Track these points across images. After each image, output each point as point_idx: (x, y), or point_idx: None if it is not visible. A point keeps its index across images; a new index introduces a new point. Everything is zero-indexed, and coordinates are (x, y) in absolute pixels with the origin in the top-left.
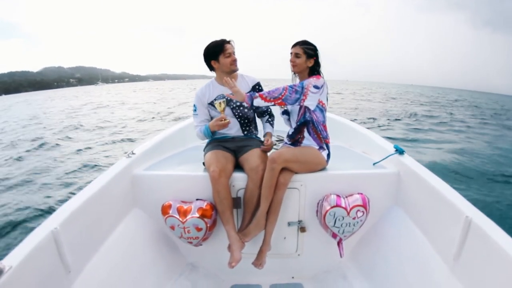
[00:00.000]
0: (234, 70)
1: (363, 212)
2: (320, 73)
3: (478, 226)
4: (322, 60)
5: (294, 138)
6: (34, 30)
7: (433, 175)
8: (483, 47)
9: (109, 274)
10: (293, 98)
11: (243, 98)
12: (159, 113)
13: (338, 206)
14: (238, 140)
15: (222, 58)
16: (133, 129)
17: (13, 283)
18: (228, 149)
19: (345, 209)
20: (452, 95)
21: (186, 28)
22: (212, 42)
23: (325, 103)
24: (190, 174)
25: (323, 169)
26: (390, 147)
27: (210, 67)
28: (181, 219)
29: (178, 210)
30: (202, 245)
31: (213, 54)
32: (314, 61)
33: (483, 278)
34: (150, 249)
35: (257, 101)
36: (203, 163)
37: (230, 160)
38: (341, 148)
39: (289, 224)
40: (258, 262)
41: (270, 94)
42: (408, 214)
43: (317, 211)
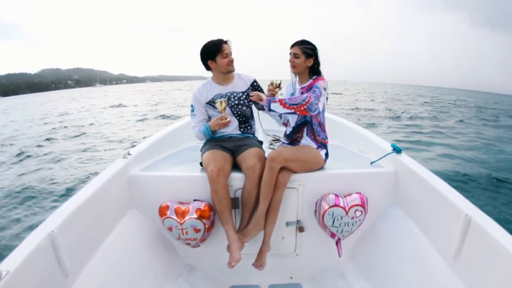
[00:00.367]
0: (231, 71)
1: (362, 211)
2: (320, 72)
3: (478, 224)
4: (322, 60)
5: (293, 137)
6: (34, 30)
7: (431, 174)
8: (482, 46)
9: (106, 277)
10: (315, 107)
11: (264, 103)
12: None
13: (336, 205)
14: (236, 139)
15: (219, 59)
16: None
17: None
18: (225, 148)
19: (343, 208)
20: (452, 96)
21: (185, 27)
22: (209, 42)
23: (325, 104)
24: (188, 174)
25: (321, 168)
26: (387, 146)
27: (207, 67)
28: (179, 220)
29: (176, 211)
30: (200, 246)
31: (210, 54)
32: (314, 60)
33: (483, 276)
34: (148, 250)
35: (275, 105)
36: (200, 163)
37: (228, 160)
38: (337, 147)
39: (287, 224)
40: (259, 263)
41: (291, 100)
42: (406, 213)
43: (315, 211)
